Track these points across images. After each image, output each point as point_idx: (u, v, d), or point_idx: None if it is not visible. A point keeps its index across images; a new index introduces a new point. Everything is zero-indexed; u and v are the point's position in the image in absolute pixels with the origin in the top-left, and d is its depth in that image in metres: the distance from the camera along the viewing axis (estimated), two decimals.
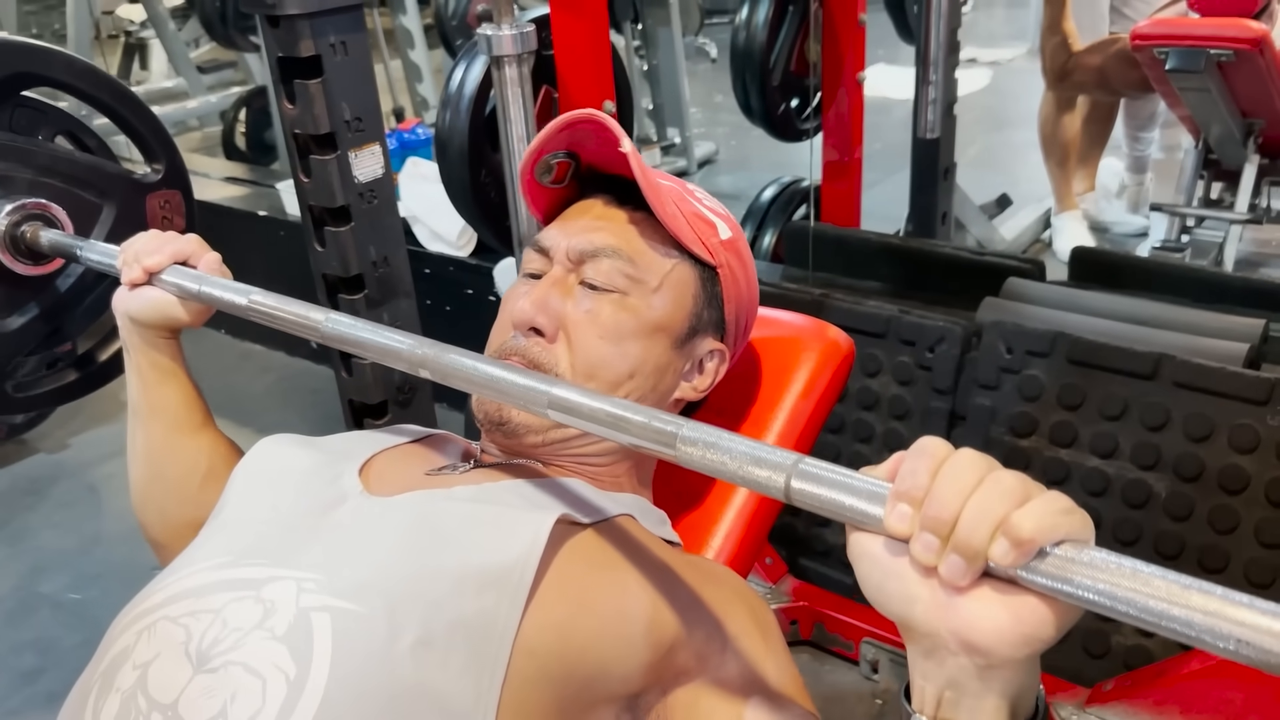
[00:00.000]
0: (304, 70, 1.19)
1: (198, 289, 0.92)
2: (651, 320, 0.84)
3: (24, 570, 2.09)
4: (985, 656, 0.49)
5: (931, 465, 0.50)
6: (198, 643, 0.64)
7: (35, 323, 1.24)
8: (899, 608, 0.52)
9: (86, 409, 2.63)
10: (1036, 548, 0.47)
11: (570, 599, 0.68)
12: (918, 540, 0.50)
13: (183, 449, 0.98)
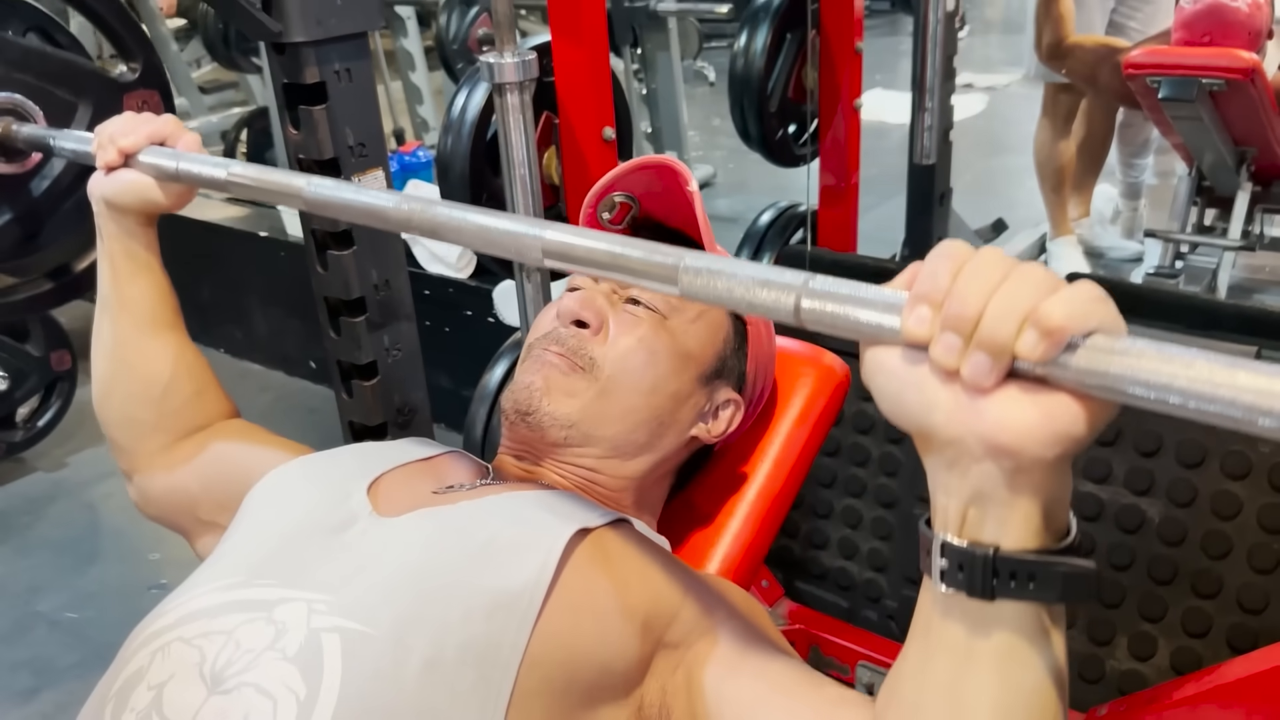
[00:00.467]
0: (308, 97, 1.21)
1: (175, 167, 0.90)
2: (685, 346, 0.87)
3: (20, 589, 2.09)
4: (1014, 458, 0.47)
5: (952, 266, 0.47)
6: (211, 664, 0.65)
7: (10, 226, 1.20)
8: (919, 417, 0.49)
9: (84, 430, 2.64)
10: (1067, 337, 0.44)
11: (575, 608, 0.70)
12: (938, 343, 0.47)
13: (149, 348, 0.98)
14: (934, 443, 0.50)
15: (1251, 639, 1.36)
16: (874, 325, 0.50)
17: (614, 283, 0.87)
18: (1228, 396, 0.41)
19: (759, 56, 2.11)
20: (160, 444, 0.99)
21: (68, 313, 2.68)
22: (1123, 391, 0.44)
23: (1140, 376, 0.43)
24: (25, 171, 1.19)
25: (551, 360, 0.84)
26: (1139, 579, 1.44)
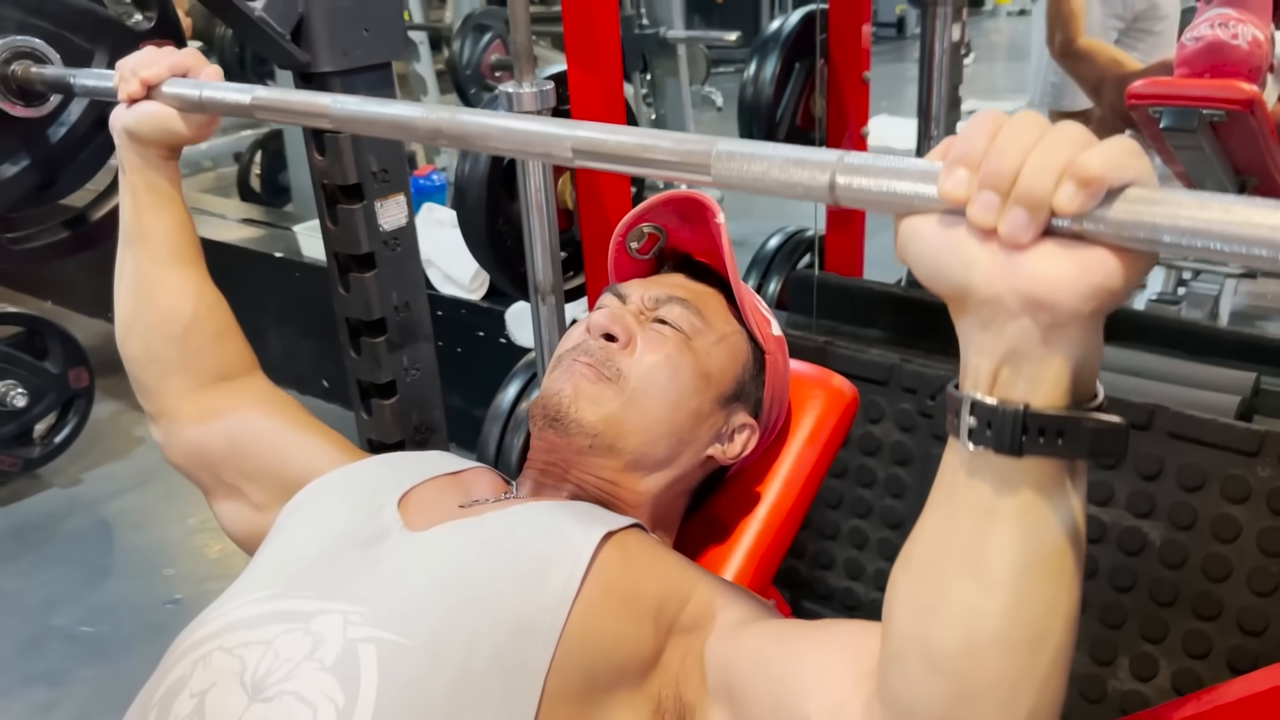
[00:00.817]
0: None
1: (199, 95, 0.90)
2: (706, 367, 0.90)
3: (36, 603, 2.12)
4: (1050, 312, 0.47)
5: (990, 130, 0.48)
6: (252, 673, 0.68)
7: (29, 171, 1.21)
8: (957, 277, 0.49)
9: (99, 446, 2.68)
10: (1105, 187, 0.45)
11: (598, 615, 0.73)
12: (976, 201, 0.48)
13: (170, 281, 0.99)
14: (971, 302, 0.50)
15: (1251, 660, 1.38)
16: (911, 194, 0.50)
17: (642, 304, 0.91)
18: (1269, 237, 0.42)
19: (768, 85, 2.15)
20: (185, 386, 1.00)
21: (85, 330, 2.73)
22: (1160, 241, 0.44)
23: (1179, 224, 0.43)
24: (42, 116, 1.19)
25: (580, 370, 0.87)
26: (1141, 600, 1.46)
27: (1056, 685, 0.54)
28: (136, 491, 2.52)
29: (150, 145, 0.97)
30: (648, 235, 0.96)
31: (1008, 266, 0.48)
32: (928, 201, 0.50)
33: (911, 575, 0.57)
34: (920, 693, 0.55)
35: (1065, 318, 0.47)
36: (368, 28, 1.21)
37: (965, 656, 0.53)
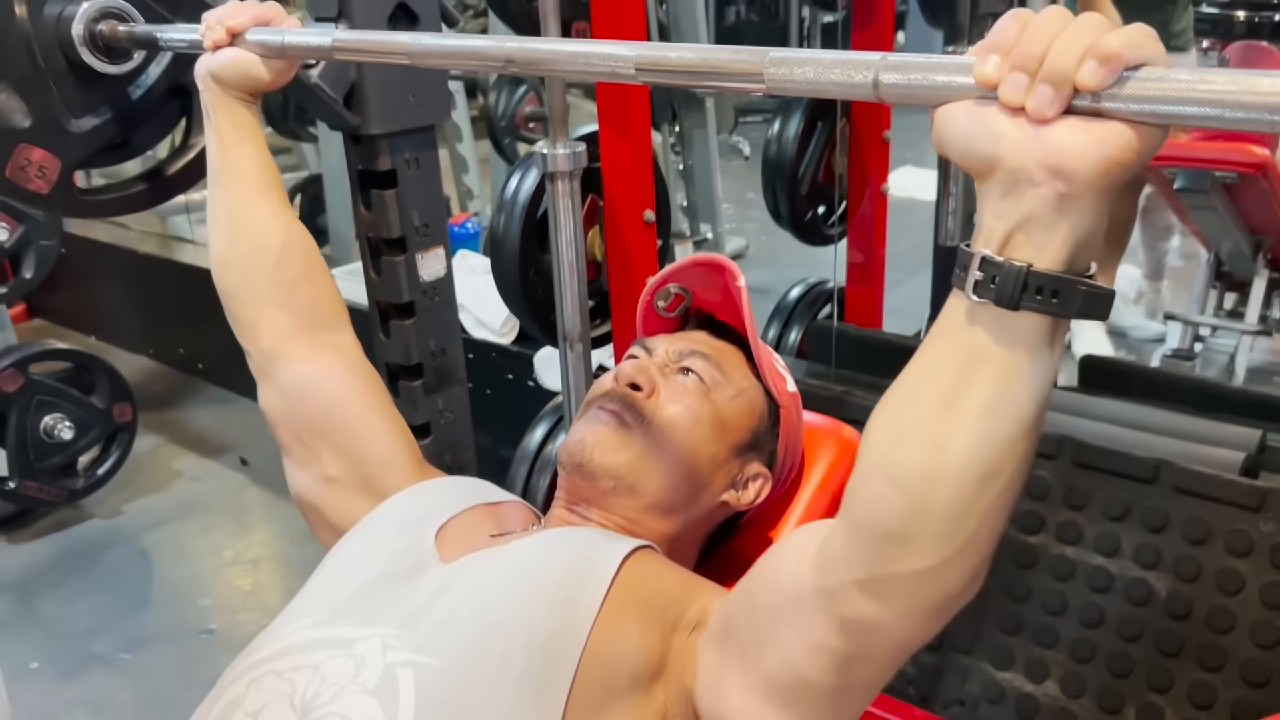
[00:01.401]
0: (380, 182, 1.33)
1: (281, 40, 0.97)
2: (724, 417, 0.96)
3: (78, 631, 2.20)
4: (1068, 180, 0.52)
5: (1020, 22, 0.54)
6: (301, 695, 0.74)
7: (107, 125, 1.27)
8: (987, 148, 0.54)
9: (140, 479, 2.77)
10: (1123, 64, 0.50)
11: (614, 635, 0.78)
12: (1007, 82, 0.53)
13: (258, 210, 1.05)
14: (998, 172, 0.55)
15: (1255, 711, 1.42)
16: (949, 84, 0.56)
17: (667, 356, 0.97)
18: (1268, 102, 0.47)
19: (791, 143, 2.23)
20: (283, 327, 1.04)
21: (128, 366, 2.83)
22: (1174, 114, 0.50)
23: (1188, 95, 0.49)
24: (124, 74, 1.26)
25: (604, 417, 0.93)
26: (1147, 650, 1.50)
27: (997, 518, 0.61)
28: (174, 524, 2.60)
29: (233, 88, 1.04)
30: (674, 295, 1.03)
31: (1034, 138, 0.53)
32: (964, 89, 0.55)
33: (892, 405, 0.63)
34: (880, 507, 0.62)
35: (1080, 187, 0.53)
36: (414, 94, 1.30)
37: (925, 478, 0.60)
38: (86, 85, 1.24)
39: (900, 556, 0.61)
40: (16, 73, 1.19)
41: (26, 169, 1.22)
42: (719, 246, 4.23)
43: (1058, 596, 1.58)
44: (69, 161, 1.25)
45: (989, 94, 0.55)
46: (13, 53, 1.18)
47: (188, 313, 3.33)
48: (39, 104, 1.21)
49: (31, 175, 1.23)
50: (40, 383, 2.45)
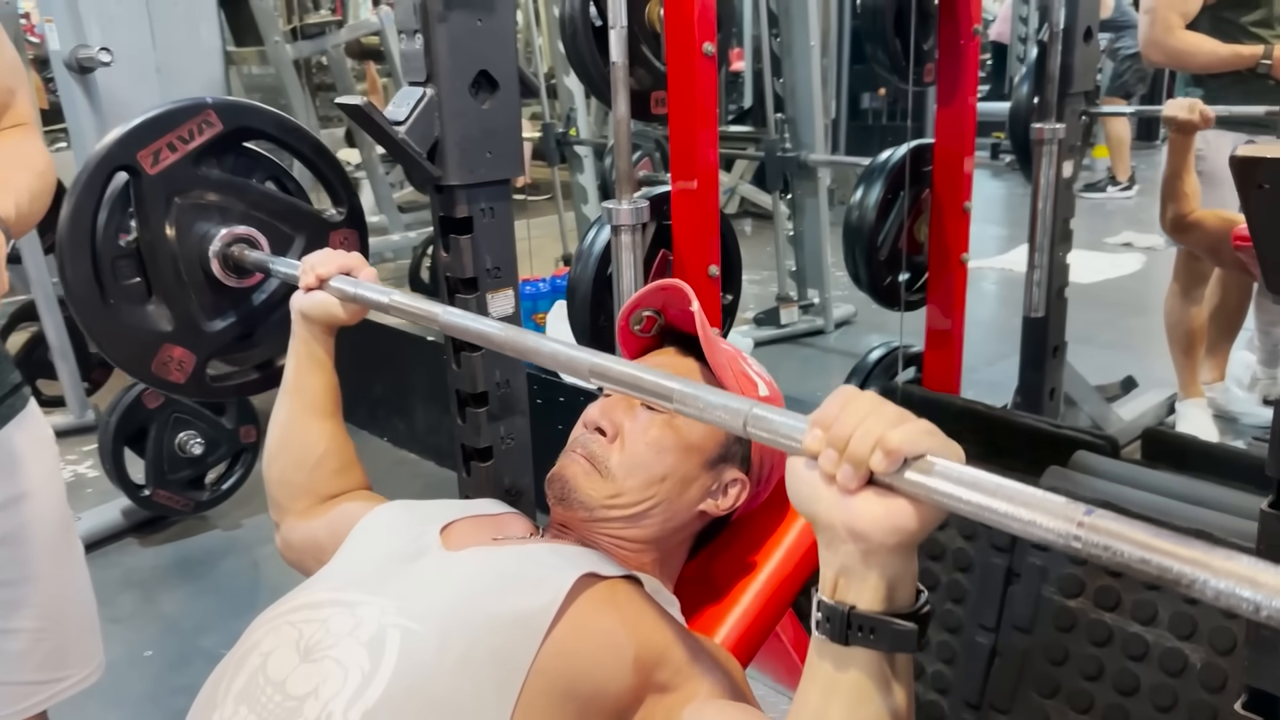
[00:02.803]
0: (458, 228, 1.49)
1: (354, 292, 1.19)
2: (688, 440, 1.06)
3: (189, 627, 2.41)
4: (865, 541, 0.66)
5: (841, 402, 0.68)
6: (306, 640, 0.88)
7: (233, 327, 1.51)
8: (810, 507, 0.69)
9: (257, 497, 2.99)
10: (902, 457, 0.63)
11: (577, 634, 0.89)
12: (824, 455, 0.67)
13: (310, 428, 1.24)
14: (819, 527, 0.69)
15: None
16: (790, 444, 0.71)
17: None
18: (993, 506, 0.60)
19: (872, 210, 2.32)
20: (306, 504, 1.25)
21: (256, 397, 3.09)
22: (936, 500, 0.63)
23: (946, 490, 0.62)
24: (248, 286, 1.50)
25: (577, 458, 1.06)
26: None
27: None
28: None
29: (316, 323, 1.24)
30: (646, 318, 1.14)
31: (840, 504, 0.66)
32: (798, 443, 0.69)
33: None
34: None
35: (876, 546, 0.66)
36: (491, 151, 1.46)
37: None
38: (218, 295, 1.48)
39: None
40: (164, 286, 1.43)
41: (168, 364, 1.45)
42: (826, 312, 4.30)
43: (1094, 661, 1.59)
44: (202, 357, 1.48)
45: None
46: (162, 269, 1.43)
47: None
48: (180, 310, 1.45)
49: (172, 369, 1.46)
50: (178, 401, 2.71)
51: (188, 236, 1.45)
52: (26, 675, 1.15)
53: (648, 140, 4.20)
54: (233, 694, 0.88)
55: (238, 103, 1.51)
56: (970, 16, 2.18)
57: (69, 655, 1.20)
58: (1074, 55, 2.35)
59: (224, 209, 1.47)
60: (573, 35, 1.81)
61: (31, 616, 1.13)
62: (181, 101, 1.43)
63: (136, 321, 1.43)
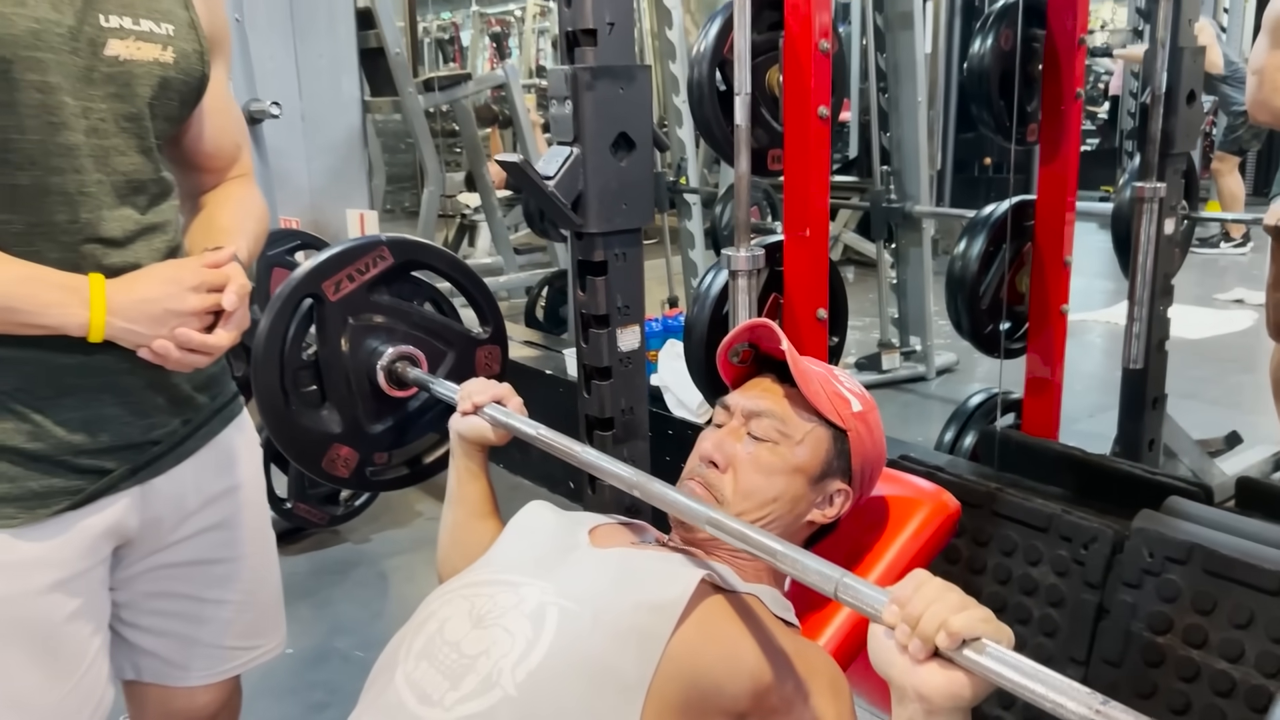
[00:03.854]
0: (595, 270, 1.68)
1: (505, 420, 1.36)
2: (793, 463, 1.21)
3: (324, 629, 2.63)
4: (928, 703, 0.81)
5: (915, 584, 0.84)
6: (477, 610, 1.05)
7: (391, 430, 1.71)
8: (885, 670, 0.84)
9: (388, 512, 3.23)
10: (961, 639, 0.78)
11: (702, 633, 1.04)
12: (897, 629, 0.82)
13: (474, 530, 1.40)
14: (893, 687, 0.84)
15: None
16: (874, 612, 0.86)
17: (741, 415, 1.23)
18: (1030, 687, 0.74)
19: (974, 262, 2.43)
20: None
21: None
22: (987, 677, 0.77)
23: (994, 670, 0.76)
24: (405, 397, 1.69)
25: (694, 486, 1.22)
26: None
27: None
28: (410, 554, 3.03)
29: (471, 443, 1.41)
30: (743, 352, 1.29)
31: (910, 671, 0.82)
32: (877, 615, 0.85)
33: None
34: None
35: (936, 708, 0.81)
36: (626, 203, 1.64)
37: None
38: (380, 402, 1.69)
39: None
40: (336, 393, 1.65)
41: (335, 461, 1.67)
42: (928, 359, 4.38)
43: (1181, 697, 1.66)
44: (364, 455, 1.69)
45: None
46: (335, 379, 1.64)
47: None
48: (348, 415, 1.66)
49: (339, 465, 1.68)
50: None
51: (359, 352, 1.65)
52: (231, 641, 1.34)
53: (757, 190, 4.36)
54: (414, 652, 1.05)
55: (407, 240, 1.71)
56: (1073, 81, 2.30)
57: (263, 627, 1.40)
58: (1176, 118, 2.44)
59: (390, 329, 1.67)
60: (699, 100, 1.99)
61: (238, 590, 1.32)
62: (361, 240, 1.65)
63: (311, 423, 1.63)
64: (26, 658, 1.10)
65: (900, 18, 4.01)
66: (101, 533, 1.14)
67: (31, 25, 1.00)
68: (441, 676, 1.01)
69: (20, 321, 1.01)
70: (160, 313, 1.06)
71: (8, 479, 1.06)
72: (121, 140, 1.10)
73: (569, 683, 0.99)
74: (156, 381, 1.15)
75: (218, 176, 1.30)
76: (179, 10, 1.15)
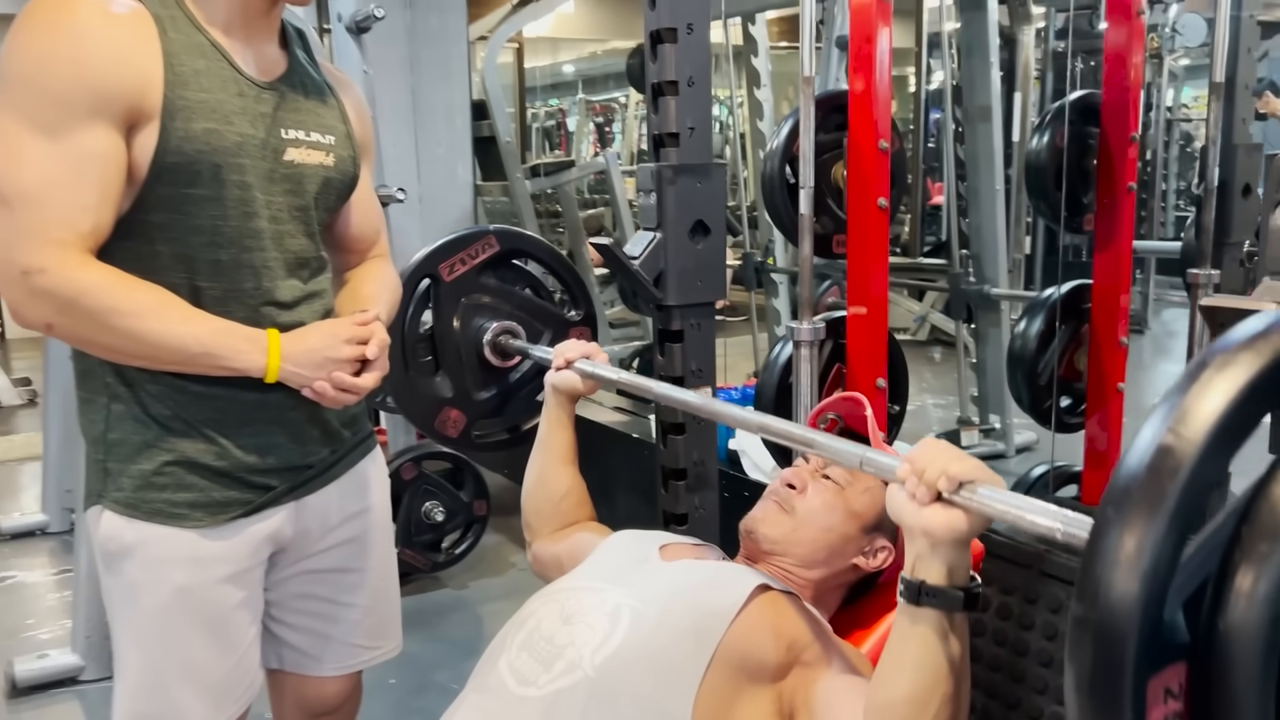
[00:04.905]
0: (673, 338, 1.92)
1: (593, 371, 1.63)
2: (854, 507, 1.41)
3: (425, 663, 2.87)
4: (932, 537, 0.99)
5: (924, 446, 1.03)
6: (566, 611, 1.28)
7: (494, 397, 1.99)
8: (898, 515, 1.03)
9: (483, 564, 3.48)
10: (958, 482, 0.97)
11: (751, 625, 1.24)
12: (907, 482, 1.02)
13: (558, 472, 1.67)
14: (904, 528, 1.05)
15: None
16: (891, 474, 1.07)
17: (818, 463, 1.45)
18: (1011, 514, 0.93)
19: (1033, 340, 2.60)
20: (551, 529, 1.67)
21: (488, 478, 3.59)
22: (978, 510, 0.97)
23: (986, 506, 0.96)
24: (507, 367, 1.98)
25: (770, 504, 1.43)
26: None
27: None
28: (504, 601, 3.27)
29: (562, 394, 1.70)
30: (830, 420, 1.51)
31: (918, 513, 1.01)
32: (893, 473, 1.06)
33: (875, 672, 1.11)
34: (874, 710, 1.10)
35: (939, 541, 1.00)
36: (700, 280, 1.89)
37: (886, 706, 1.07)
38: (485, 372, 2.00)
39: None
40: (449, 363, 1.96)
41: (446, 422, 1.96)
42: (1007, 437, 4.49)
43: None
44: (471, 418, 2.00)
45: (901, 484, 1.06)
46: (449, 351, 1.95)
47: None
48: (457, 382, 1.96)
49: (449, 426, 1.98)
50: (427, 475, 3.24)
51: (468, 327, 1.96)
52: (358, 639, 1.59)
53: (836, 270, 4.58)
54: (515, 644, 1.28)
55: (510, 230, 2.03)
56: (1125, 175, 2.48)
57: (384, 631, 1.64)
58: (1230, 209, 2.59)
59: (495, 308, 1.98)
60: (771, 191, 2.25)
61: (365, 595, 1.58)
62: (471, 229, 1.98)
63: (426, 388, 1.92)
64: (204, 636, 1.36)
65: (979, 110, 4.23)
66: (264, 538, 1.40)
67: (236, 139, 1.30)
68: (536, 663, 1.24)
69: (217, 364, 1.29)
70: (321, 360, 1.34)
71: (198, 489, 1.34)
72: (293, 226, 1.38)
73: (636, 668, 1.20)
74: (313, 417, 1.42)
75: (360, 256, 1.59)
76: (339, 125, 1.45)
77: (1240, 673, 0.64)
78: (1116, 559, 0.63)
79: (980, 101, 4.21)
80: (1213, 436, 0.62)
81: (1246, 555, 0.66)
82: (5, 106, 1.19)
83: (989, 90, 4.17)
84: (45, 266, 1.18)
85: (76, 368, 1.36)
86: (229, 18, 1.31)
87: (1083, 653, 0.65)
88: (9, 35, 1.20)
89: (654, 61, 1.82)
